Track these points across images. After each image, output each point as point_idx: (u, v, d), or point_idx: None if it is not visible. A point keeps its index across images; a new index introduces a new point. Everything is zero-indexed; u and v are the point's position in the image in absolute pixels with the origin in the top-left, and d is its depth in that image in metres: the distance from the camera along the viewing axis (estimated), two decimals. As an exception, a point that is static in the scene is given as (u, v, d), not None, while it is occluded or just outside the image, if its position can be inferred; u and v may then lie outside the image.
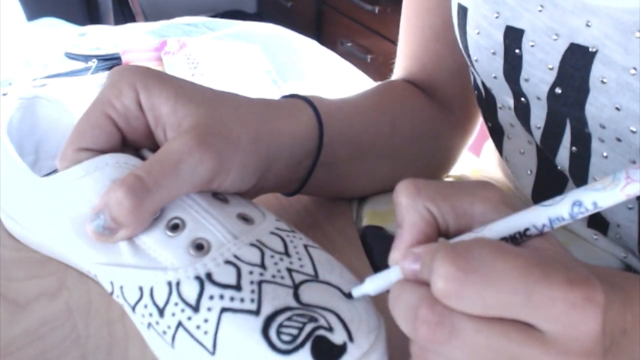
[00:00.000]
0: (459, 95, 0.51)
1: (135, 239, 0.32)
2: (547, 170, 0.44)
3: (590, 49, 0.34)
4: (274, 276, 0.31)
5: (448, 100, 0.51)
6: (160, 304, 0.31)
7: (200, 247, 0.32)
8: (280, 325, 0.29)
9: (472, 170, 0.55)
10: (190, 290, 0.30)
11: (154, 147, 0.35)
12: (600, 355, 0.23)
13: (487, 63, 0.41)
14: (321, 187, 0.43)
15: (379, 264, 0.40)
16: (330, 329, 0.29)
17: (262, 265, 0.31)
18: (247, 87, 0.68)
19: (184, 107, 0.33)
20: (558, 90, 0.37)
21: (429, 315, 0.24)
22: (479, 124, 0.54)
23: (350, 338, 0.29)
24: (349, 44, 2.03)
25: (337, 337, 0.29)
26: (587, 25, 0.34)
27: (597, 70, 0.34)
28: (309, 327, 0.29)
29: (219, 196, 0.34)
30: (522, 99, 0.41)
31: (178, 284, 0.31)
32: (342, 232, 0.44)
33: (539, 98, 0.39)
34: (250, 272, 0.31)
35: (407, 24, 0.51)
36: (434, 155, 0.51)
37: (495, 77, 0.42)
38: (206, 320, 0.30)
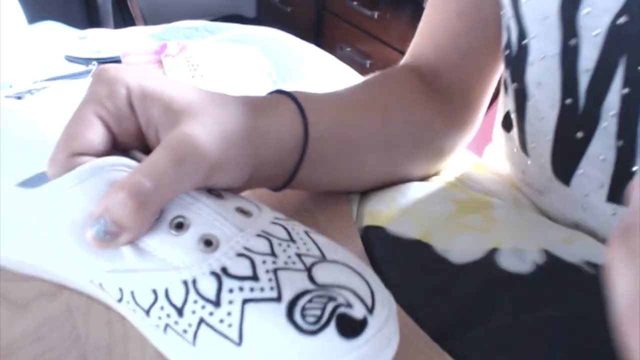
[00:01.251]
0: (464, 82, 0.50)
1: (140, 242, 0.32)
2: (565, 137, 0.43)
3: None
4: (286, 263, 0.32)
5: (451, 87, 0.50)
6: (178, 304, 0.31)
7: (209, 243, 0.32)
8: (303, 308, 0.30)
9: (475, 164, 0.55)
10: (208, 286, 0.31)
11: (144, 148, 0.35)
12: None
13: (541, 1, 0.40)
14: (310, 182, 0.43)
15: (380, 264, 0.40)
16: (349, 305, 0.30)
17: (273, 254, 0.32)
18: (248, 88, 0.68)
19: (177, 108, 0.33)
20: (622, 20, 0.36)
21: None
22: (479, 119, 0.53)
23: (370, 311, 0.30)
24: (348, 49, 2.03)
25: (357, 312, 0.30)
26: None
27: None
28: (330, 306, 0.30)
29: (214, 192, 0.35)
30: (573, 41, 0.39)
31: (194, 281, 0.31)
32: (342, 232, 0.44)
33: (595, 34, 0.38)
34: (264, 262, 0.32)
35: (432, 1, 0.51)
36: (428, 148, 0.50)
37: (546, 18, 0.40)
38: (229, 314, 0.30)
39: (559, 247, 0.39)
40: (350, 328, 0.30)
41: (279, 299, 0.30)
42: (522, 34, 0.43)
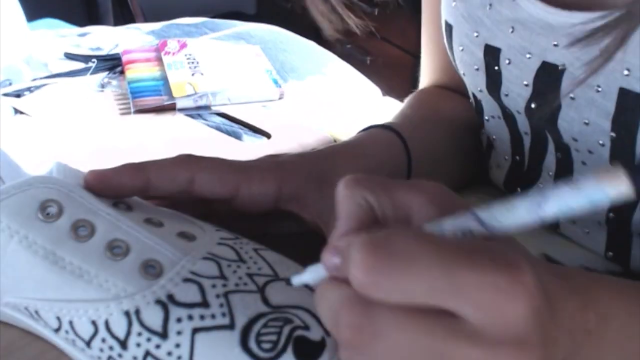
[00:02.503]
0: None
1: (73, 268, 0.30)
2: (510, 187, 0.47)
3: (559, 67, 0.36)
4: (237, 285, 0.30)
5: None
6: (121, 336, 0.29)
7: (152, 269, 0.30)
8: (258, 334, 0.28)
9: None
10: (153, 317, 0.29)
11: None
12: (538, 346, 0.21)
13: (472, 77, 0.44)
14: None
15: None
16: (306, 327, 0.29)
17: (223, 276, 0.30)
18: (247, 86, 0.68)
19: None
20: (533, 105, 0.39)
21: (350, 319, 0.22)
22: None
23: (327, 332, 0.29)
24: (348, 46, 2.03)
25: (315, 333, 0.29)
26: (555, 45, 0.36)
27: (567, 87, 0.36)
28: (286, 330, 0.28)
29: (153, 220, 0.33)
30: (507, 110, 0.42)
31: (137, 312, 0.29)
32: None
33: (518, 112, 0.41)
34: (213, 286, 0.30)
35: (429, 41, 0.54)
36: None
37: (480, 91, 0.43)
38: (178, 345, 0.28)
39: (559, 252, 0.40)
40: (308, 352, 0.28)
41: (231, 325, 0.28)
42: (474, 94, 0.46)
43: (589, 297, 0.25)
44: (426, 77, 0.56)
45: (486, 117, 0.46)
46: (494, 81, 0.41)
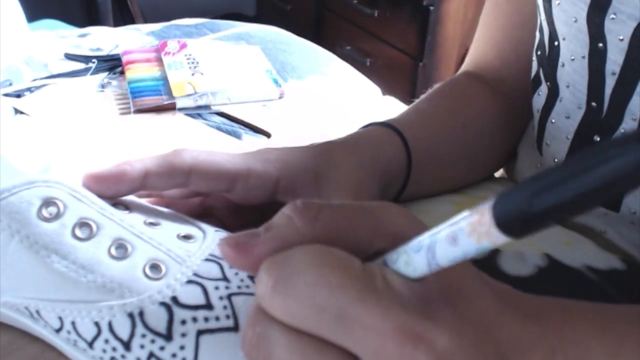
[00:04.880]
0: (526, 84, 0.51)
1: (74, 267, 0.30)
2: (582, 139, 0.44)
3: None
4: (239, 287, 0.30)
5: (515, 90, 0.51)
6: (124, 338, 0.29)
7: (155, 270, 0.30)
8: None
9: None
10: (157, 318, 0.28)
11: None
12: None
13: (571, 3, 0.41)
14: (411, 197, 0.45)
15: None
16: None
17: (225, 278, 0.30)
18: (248, 86, 0.68)
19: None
20: None
21: (248, 337, 0.23)
22: None
23: None
24: (348, 48, 2.03)
25: None
26: None
27: None
28: None
29: (153, 221, 0.33)
30: (600, 44, 0.39)
31: (141, 313, 0.29)
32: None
33: (621, 39, 0.38)
34: (216, 288, 0.30)
35: (492, 10, 0.52)
36: (499, 148, 0.52)
37: (575, 21, 0.40)
38: (182, 348, 0.28)
39: (561, 251, 0.39)
40: None
41: (236, 327, 0.28)
42: (552, 36, 0.44)
43: (559, 339, 0.24)
44: (475, 50, 0.55)
45: (561, 62, 0.44)
46: (599, 4, 0.38)
